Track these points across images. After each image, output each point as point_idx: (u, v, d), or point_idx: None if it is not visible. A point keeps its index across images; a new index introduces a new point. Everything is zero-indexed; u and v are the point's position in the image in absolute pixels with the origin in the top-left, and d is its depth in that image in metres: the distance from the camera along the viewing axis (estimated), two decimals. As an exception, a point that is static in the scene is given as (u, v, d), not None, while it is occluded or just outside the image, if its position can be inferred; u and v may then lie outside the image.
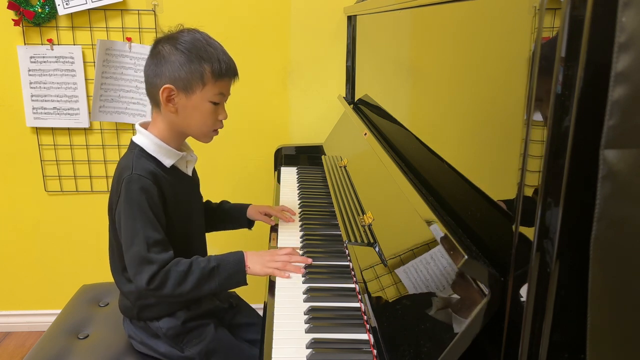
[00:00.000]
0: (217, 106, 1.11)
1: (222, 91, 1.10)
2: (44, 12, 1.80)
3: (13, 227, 2.05)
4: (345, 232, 1.12)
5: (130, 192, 1.04)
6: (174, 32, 1.10)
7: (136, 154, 1.09)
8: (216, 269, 1.06)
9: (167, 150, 1.11)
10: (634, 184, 0.47)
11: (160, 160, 1.10)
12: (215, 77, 1.07)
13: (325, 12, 1.90)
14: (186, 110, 1.09)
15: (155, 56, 1.08)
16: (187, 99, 1.07)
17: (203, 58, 1.06)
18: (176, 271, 1.03)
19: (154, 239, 1.03)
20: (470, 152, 0.77)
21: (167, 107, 1.08)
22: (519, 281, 0.56)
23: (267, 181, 2.00)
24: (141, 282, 1.02)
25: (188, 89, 1.06)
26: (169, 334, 1.14)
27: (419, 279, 0.78)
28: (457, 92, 0.82)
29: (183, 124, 1.11)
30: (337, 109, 1.95)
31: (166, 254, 1.04)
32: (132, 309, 1.16)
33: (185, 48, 1.06)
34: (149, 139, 1.10)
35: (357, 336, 0.89)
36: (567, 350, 0.54)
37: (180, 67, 1.05)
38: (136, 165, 1.06)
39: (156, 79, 1.07)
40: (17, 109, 1.91)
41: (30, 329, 2.14)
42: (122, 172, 1.07)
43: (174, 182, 1.12)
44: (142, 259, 1.02)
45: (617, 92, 0.45)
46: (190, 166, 1.19)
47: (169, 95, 1.06)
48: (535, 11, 0.52)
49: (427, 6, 0.97)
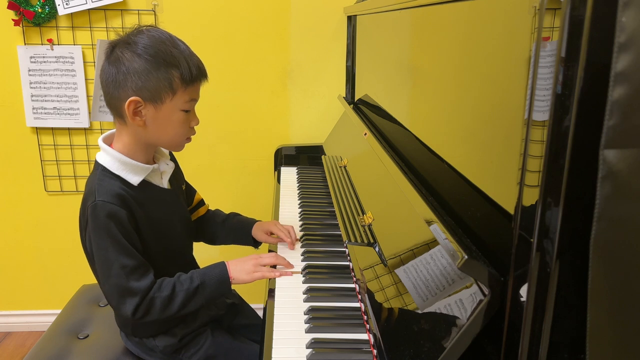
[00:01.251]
0: (188, 113, 1.02)
1: (192, 97, 1.01)
2: (44, 12, 1.79)
3: (13, 227, 2.05)
4: (345, 232, 1.12)
5: (96, 220, 0.97)
6: (132, 34, 0.99)
7: (99, 175, 1.00)
8: (200, 286, 1.03)
9: (134, 166, 1.02)
10: (634, 184, 0.47)
11: (126, 178, 1.01)
12: (185, 83, 0.98)
13: (325, 12, 1.90)
14: (156, 123, 0.99)
15: (113, 63, 0.97)
16: (156, 111, 0.98)
17: (170, 63, 0.96)
18: (160, 297, 1.00)
19: (131, 267, 0.97)
20: (470, 152, 0.77)
21: (135, 121, 0.98)
22: (519, 281, 0.56)
23: (267, 181, 2.00)
24: (126, 313, 0.98)
25: (156, 99, 0.97)
26: (165, 351, 1.13)
27: (419, 279, 0.78)
28: (457, 92, 0.82)
29: (153, 136, 1.02)
30: (337, 109, 1.95)
31: (147, 279, 0.99)
32: (127, 326, 1.14)
33: (149, 53, 0.95)
34: (112, 155, 1.01)
35: (357, 336, 0.89)
36: (567, 350, 0.54)
37: (146, 75, 0.95)
38: (99, 189, 0.98)
39: (118, 90, 0.97)
40: (17, 109, 1.91)
41: (30, 329, 2.14)
42: (86, 199, 1.00)
43: (145, 200, 1.04)
44: (123, 289, 0.97)
45: (617, 92, 0.45)
46: (165, 177, 1.10)
47: (136, 108, 0.97)
48: (535, 11, 0.52)
49: (427, 6, 0.97)
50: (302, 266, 1.13)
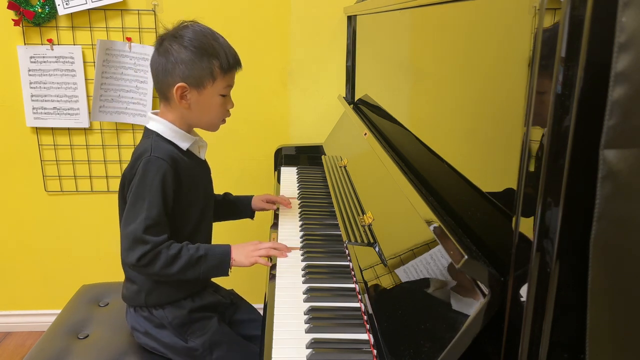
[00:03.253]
0: (225, 98, 1.16)
1: (229, 83, 1.15)
2: (44, 12, 1.79)
3: (13, 227, 2.05)
4: (345, 232, 1.12)
5: (146, 172, 1.07)
6: (178, 28, 1.13)
7: (154, 138, 1.12)
8: (203, 257, 1.10)
9: (183, 134, 1.15)
10: (634, 184, 0.47)
11: (177, 144, 1.14)
12: (223, 71, 1.12)
13: (325, 12, 1.90)
14: (198, 106, 1.13)
15: (163, 54, 1.11)
16: (199, 95, 1.12)
17: (211, 54, 1.10)
18: (166, 254, 1.06)
19: (155, 221, 1.06)
20: (471, 152, 0.77)
21: (181, 104, 1.12)
22: (519, 281, 0.56)
23: (267, 181, 2.00)
24: (132, 258, 1.05)
25: (200, 85, 1.11)
26: (174, 322, 1.16)
27: (419, 279, 0.78)
28: (457, 92, 0.82)
29: (195, 117, 1.16)
30: (337, 109, 1.95)
31: (161, 236, 1.07)
32: (139, 295, 1.16)
33: (194, 45, 1.09)
34: (164, 124, 1.14)
35: (357, 336, 0.89)
36: (567, 350, 0.54)
37: (191, 64, 1.09)
38: (155, 147, 1.10)
39: (167, 77, 1.10)
40: (17, 109, 1.91)
41: (30, 329, 2.14)
42: (140, 154, 1.10)
43: (192, 165, 1.16)
44: (137, 238, 1.05)
45: (617, 92, 0.45)
46: (202, 151, 1.23)
47: (182, 92, 1.10)
48: (535, 11, 0.52)
49: (427, 6, 0.97)
50: (302, 266, 1.13)
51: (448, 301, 0.68)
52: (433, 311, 0.71)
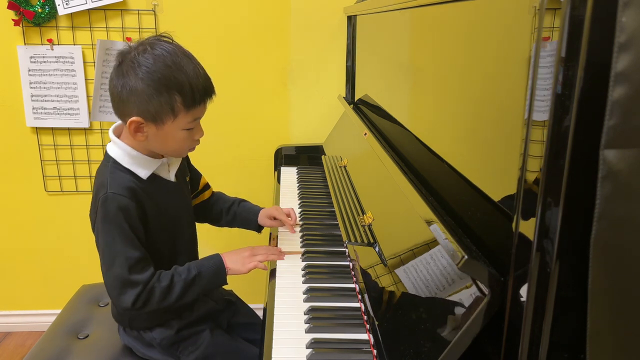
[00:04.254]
0: (191, 130, 1.04)
1: (196, 117, 1.03)
2: (44, 12, 1.79)
3: (13, 227, 2.05)
4: (345, 232, 1.12)
5: (107, 211, 1.00)
6: (141, 49, 0.98)
7: (110, 168, 1.03)
8: (197, 277, 1.06)
9: (143, 160, 1.05)
10: (634, 184, 0.47)
11: (136, 172, 1.04)
12: (187, 107, 0.99)
13: (325, 12, 1.90)
14: (157, 138, 1.02)
15: (120, 77, 0.98)
16: (158, 129, 1.01)
17: (171, 88, 0.97)
18: (159, 287, 1.02)
19: (135, 258, 1.00)
20: (470, 152, 0.77)
21: (136, 137, 1.01)
22: (519, 281, 0.56)
23: (267, 181, 2.00)
24: (126, 303, 1.01)
25: (157, 120, 0.99)
26: (163, 344, 1.13)
27: (419, 279, 0.78)
28: (457, 92, 0.82)
29: (156, 148, 1.05)
30: (337, 109, 1.95)
31: (148, 272, 1.02)
32: (124, 318, 1.15)
33: (151, 79, 0.96)
34: (123, 149, 1.04)
35: (357, 336, 0.89)
36: (567, 350, 0.54)
37: (147, 99, 0.96)
38: (111, 182, 1.01)
39: (121, 105, 1.00)
40: (17, 109, 1.91)
41: (30, 329, 2.14)
42: (98, 191, 1.03)
43: (154, 192, 1.07)
44: (125, 280, 1.00)
45: (617, 92, 0.45)
46: (172, 170, 1.12)
47: (138, 126, 1.00)
48: (535, 11, 0.52)
49: (427, 6, 0.97)
50: (302, 266, 1.13)
51: (448, 301, 0.68)
52: (433, 311, 0.71)
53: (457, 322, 0.63)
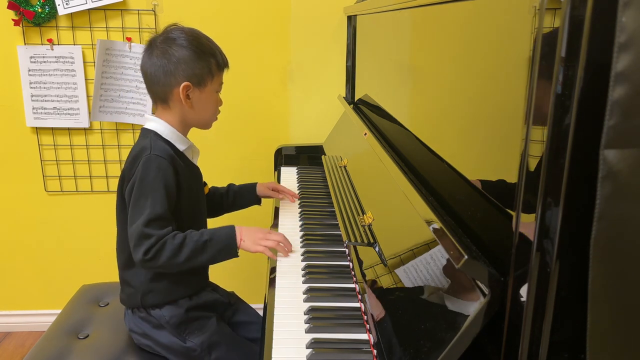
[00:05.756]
0: (218, 96, 1.21)
1: (221, 80, 1.21)
2: (44, 12, 1.79)
3: (13, 227, 2.05)
4: (345, 232, 1.12)
5: (147, 170, 1.08)
6: (169, 31, 1.15)
7: (152, 137, 1.14)
8: (209, 242, 1.10)
9: (180, 136, 1.18)
10: (634, 184, 0.47)
11: (175, 144, 1.16)
12: (219, 68, 1.18)
13: (325, 12, 1.90)
14: (200, 103, 1.17)
15: (161, 56, 1.12)
16: (201, 93, 1.16)
17: (208, 53, 1.15)
18: (172, 243, 1.07)
19: (158, 215, 1.07)
20: (470, 152, 0.77)
21: (187, 103, 1.14)
22: (519, 281, 0.56)
23: (267, 181, 1.99)
24: (139, 254, 1.06)
25: (201, 83, 1.15)
26: (172, 322, 1.16)
27: (419, 279, 0.78)
28: (457, 92, 0.82)
29: (195, 116, 1.18)
30: (337, 109, 1.95)
31: (165, 229, 1.08)
32: (135, 296, 1.17)
33: (193, 45, 1.13)
34: (163, 125, 1.16)
35: (357, 336, 0.89)
36: (567, 350, 0.54)
37: (193, 64, 1.12)
38: (154, 146, 1.11)
39: (169, 78, 1.12)
40: (17, 109, 1.91)
41: (30, 329, 2.14)
42: (140, 152, 1.11)
43: (186, 168, 1.17)
44: (141, 233, 1.06)
45: (617, 92, 0.45)
46: (195, 157, 1.24)
47: (187, 92, 1.13)
48: (535, 11, 0.52)
49: (427, 6, 0.97)
50: (302, 266, 1.13)
51: (448, 301, 0.68)
52: (433, 311, 0.71)
53: (457, 322, 0.63)
